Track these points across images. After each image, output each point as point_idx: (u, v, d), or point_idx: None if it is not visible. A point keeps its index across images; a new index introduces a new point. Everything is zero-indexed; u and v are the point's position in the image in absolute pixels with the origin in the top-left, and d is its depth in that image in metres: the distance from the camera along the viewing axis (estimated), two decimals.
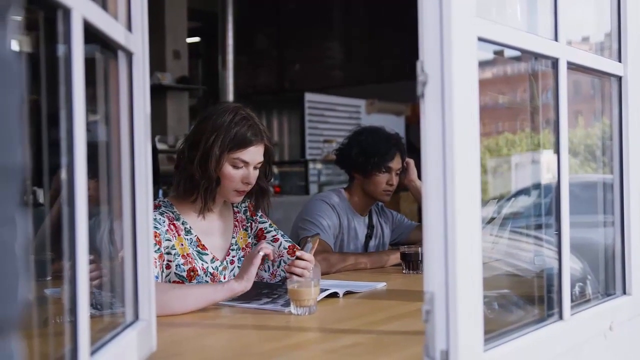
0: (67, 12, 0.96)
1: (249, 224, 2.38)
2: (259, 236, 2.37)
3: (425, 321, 1.17)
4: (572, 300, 1.52)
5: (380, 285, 2.31)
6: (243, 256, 2.31)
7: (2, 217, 0.55)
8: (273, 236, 2.37)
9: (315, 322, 1.79)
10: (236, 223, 2.35)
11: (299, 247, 2.31)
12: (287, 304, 1.89)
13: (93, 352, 1.07)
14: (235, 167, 2.17)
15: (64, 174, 0.98)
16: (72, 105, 0.97)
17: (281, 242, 2.35)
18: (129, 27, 1.32)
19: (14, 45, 0.59)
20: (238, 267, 2.28)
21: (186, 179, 2.18)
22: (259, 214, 2.41)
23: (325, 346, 1.57)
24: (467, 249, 1.16)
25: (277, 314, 1.87)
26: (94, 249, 1.13)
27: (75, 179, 0.98)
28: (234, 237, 2.32)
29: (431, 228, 1.16)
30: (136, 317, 1.35)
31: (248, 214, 2.39)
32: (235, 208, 2.37)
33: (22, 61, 0.59)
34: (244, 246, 2.34)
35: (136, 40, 1.34)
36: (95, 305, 1.31)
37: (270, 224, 2.40)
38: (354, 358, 1.47)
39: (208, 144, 2.12)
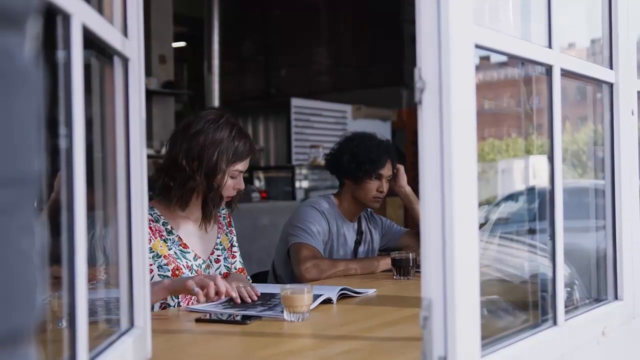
0: (66, 17, 0.96)
1: (229, 230, 2.48)
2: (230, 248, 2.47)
3: (423, 327, 1.17)
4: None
5: (371, 292, 2.32)
6: (227, 257, 2.40)
7: (21, 225, 0.54)
8: (234, 252, 2.48)
9: (308, 328, 1.79)
10: (220, 225, 2.43)
11: (245, 272, 2.44)
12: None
13: None
14: (232, 177, 2.27)
15: (63, 180, 0.98)
16: (71, 110, 0.97)
17: (236, 261, 2.45)
18: (125, 33, 1.32)
19: (32, 54, 0.59)
20: (225, 265, 2.38)
21: (188, 192, 2.24)
22: (232, 226, 2.51)
23: (320, 353, 1.56)
24: (465, 255, 1.16)
25: (271, 320, 1.86)
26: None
27: (74, 185, 0.97)
28: (218, 237, 2.40)
29: (429, 234, 1.16)
30: (131, 324, 1.34)
31: (226, 221, 2.48)
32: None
33: (39, 69, 0.59)
34: (227, 247, 2.43)
35: (132, 45, 1.33)
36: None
37: (235, 239, 2.51)
38: None
39: (213, 160, 2.20)
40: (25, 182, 0.55)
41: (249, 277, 2.45)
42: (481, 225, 1.97)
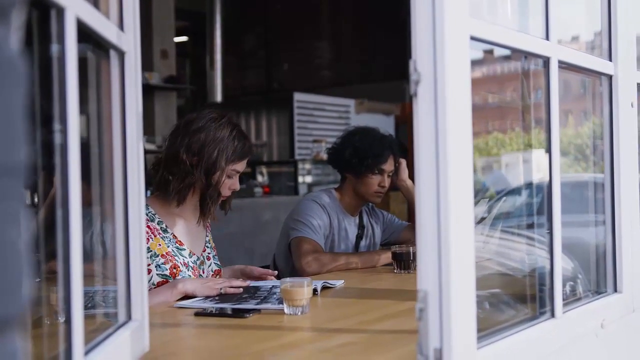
0: (60, 11, 0.96)
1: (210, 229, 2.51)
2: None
3: (419, 319, 1.17)
4: (563, 299, 1.53)
5: (339, 283, 2.33)
6: (215, 255, 2.44)
7: (7, 215, 0.55)
8: (214, 255, 2.48)
9: (307, 321, 1.79)
10: (207, 224, 2.46)
11: (221, 274, 2.44)
12: (282, 301, 1.89)
13: (86, 352, 1.07)
14: (229, 177, 2.29)
15: (57, 176, 0.98)
16: (66, 105, 0.97)
17: (211, 263, 2.43)
18: (121, 26, 1.32)
19: (17, 45, 0.59)
20: (215, 263, 2.42)
21: (187, 187, 2.25)
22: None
23: (319, 345, 1.57)
24: (460, 248, 1.16)
25: (270, 313, 1.86)
26: (84, 250, 1.13)
27: (69, 180, 0.98)
28: (207, 236, 2.44)
29: (425, 227, 1.16)
30: (129, 317, 1.34)
31: (209, 222, 2.49)
32: None
33: (25, 60, 0.59)
34: (213, 246, 2.47)
35: (128, 39, 1.33)
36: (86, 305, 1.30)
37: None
38: (348, 357, 1.47)
39: (212, 158, 2.23)
40: (11, 172, 0.55)
41: None
42: (482, 219, 1.97)
